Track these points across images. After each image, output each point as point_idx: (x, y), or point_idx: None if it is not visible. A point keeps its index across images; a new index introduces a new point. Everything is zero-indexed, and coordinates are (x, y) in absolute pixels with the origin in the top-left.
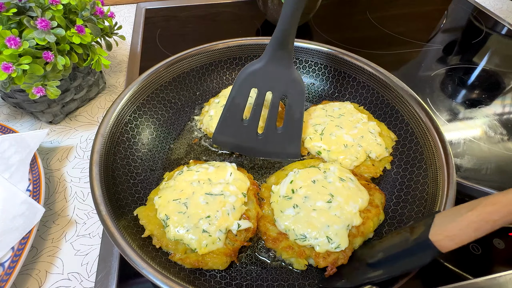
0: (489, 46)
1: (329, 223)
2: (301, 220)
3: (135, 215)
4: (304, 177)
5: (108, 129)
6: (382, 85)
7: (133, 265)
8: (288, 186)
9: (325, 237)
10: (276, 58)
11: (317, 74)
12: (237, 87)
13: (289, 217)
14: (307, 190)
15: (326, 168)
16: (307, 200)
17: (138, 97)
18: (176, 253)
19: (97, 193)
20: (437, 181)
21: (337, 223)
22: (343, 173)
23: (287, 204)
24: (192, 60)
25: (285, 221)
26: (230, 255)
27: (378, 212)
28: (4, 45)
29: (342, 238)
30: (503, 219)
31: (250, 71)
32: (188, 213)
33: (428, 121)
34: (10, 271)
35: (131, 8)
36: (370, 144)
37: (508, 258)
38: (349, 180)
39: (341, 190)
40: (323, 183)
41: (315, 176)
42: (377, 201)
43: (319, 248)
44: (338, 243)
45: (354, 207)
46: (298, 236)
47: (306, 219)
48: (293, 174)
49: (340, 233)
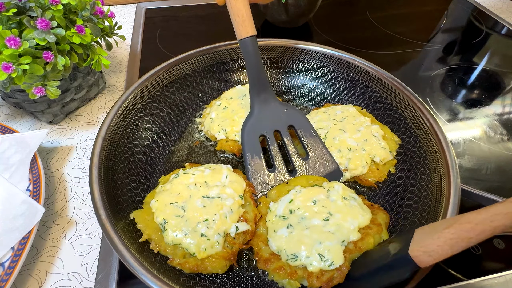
0: (489, 46)
1: (321, 240)
2: (293, 240)
3: (131, 219)
4: (305, 197)
5: (109, 132)
6: (385, 87)
7: (132, 271)
8: (287, 205)
9: (316, 254)
10: (262, 103)
11: (319, 76)
12: (246, 145)
13: (282, 237)
14: (305, 211)
15: (330, 186)
16: (303, 220)
17: (139, 99)
18: (175, 258)
19: (97, 196)
20: (441, 186)
21: (330, 239)
22: (346, 192)
23: (282, 224)
24: (193, 62)
25: (277, 241)
26: (229, 258)
27: (381, 230)
28: (4, 45)
29: (335, 255)
30: (477, 237)
31: (248, 126)
32: (186, 216)
33: (431, 125)
34: (10, 271)
35: (131, 8)
36: (374, 147)
37: (508, 258)
38: (352, 199)
39: (341, 208)
40: (324, 202)
41: (317, 196)
42: (380, 220)
43: (312, 267)
44: (331, 260)
45: (352, 223)
46: (289, 256)
47: (299, 238)
48: (294, 193)
49: (333, 250)
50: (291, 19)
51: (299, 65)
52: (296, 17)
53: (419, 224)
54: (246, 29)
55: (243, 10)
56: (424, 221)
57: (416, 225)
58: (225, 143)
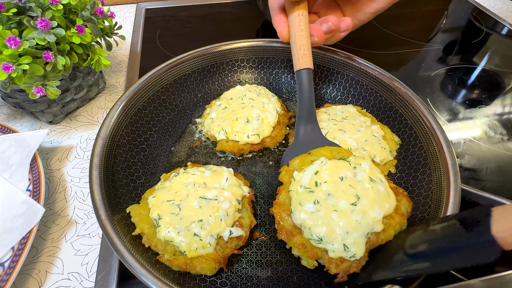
0: (489, 46)
1: (349, 230)
2: (319, 220)
3: (127, 212)
4: (332, 170)
5: (109, 132)
6: (385, 88)
7: (133, 271)
8: (312, 177)
9: (342, 244)
10: (308, 133)
11: (319, 76)
12: None
13: (308, 212)
14: (333, 186)
15: (357, 163)
16: (330, 198)
17: (139, 100)
18: (165, 254)
19: (97, 197)
20: (441, 186)
21: (357, 231)
22: (374, 172)
23: (308, 198)
24: (194, 62)
25: (303, 216)
26: (220, 261)
27: (402, 221)
28: (4, 45)
29: (359, 248)
30: None
31: (291, 153)
32: (181, 215)
33: (432, 125)
34: (10, 271)
35: (131, 8)
36: (374, 148)
37: (508, 258)
38: (380, 181)
39: (368, 192)
40: (351, 181)
41: (344, 172)
42: (403, 209)
43: (333, 254)
44: (354, 253)
45: (379, 213)
46: (314, 237)
47: (325, 219)
48: (320, 164)
49: (358, 242)
50: None
51: None
52: None
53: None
54: (305, 63)
55: (306, 45)
56: (424, 221)
57: (416, 225)
58: (225, 144)
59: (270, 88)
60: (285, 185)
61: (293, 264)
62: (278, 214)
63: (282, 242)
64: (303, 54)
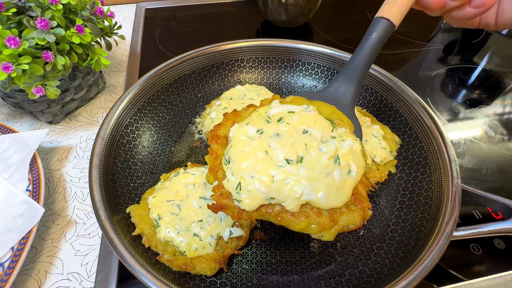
0: (489, 46)
1: (256, 175)
2: (247, 147)
3: (127, 213)
4: (305, 119)
5: (108, 132)
6: (386, 88)
7: (132, 271)
8: (283, 112)
9: (238, 181)
10: (335, 91)
11: (319, 76)
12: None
13: (244, 133)
14: (288, 131)
15: (340, 136)
16: (275, 137)
17: (139, 100)
18: (165, 254)
19: (97, 197)
20: (441, 186)
21: (261, 184)
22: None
23: (258, 123)
24: (193, 62)
25: (237, 133)
26: (220, 261)
27: (326, 226)
28: (4, 45)
29: (250, 200)
30: None
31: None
32: (181, 215)
33: (432, 125)
34: (9, 271)
35: (131, 8)
36: (375, 148)
37: (508, 258)
38: (346, 171)
39: (315, 166)
40: (312, 142)
41: (315, 130)
42: (342, 220)
43: (227, 183)
44: (240, 198)
45: (301, 192)
46: (226, 156)
47: (251, 150)
48: (302, 108)
49: (253, 194)
50: (291, 19)
51: (299, 65)
52: (296, 17)
53: (419, 224)
54: (388, 11)
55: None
56: (424, 221)
57: (416, 225)
58: None
59: (270, 88)
60: (260, 106)
61: (293, 264)
62: (226, 119)
63: (282, 242)
64: (393, 1)
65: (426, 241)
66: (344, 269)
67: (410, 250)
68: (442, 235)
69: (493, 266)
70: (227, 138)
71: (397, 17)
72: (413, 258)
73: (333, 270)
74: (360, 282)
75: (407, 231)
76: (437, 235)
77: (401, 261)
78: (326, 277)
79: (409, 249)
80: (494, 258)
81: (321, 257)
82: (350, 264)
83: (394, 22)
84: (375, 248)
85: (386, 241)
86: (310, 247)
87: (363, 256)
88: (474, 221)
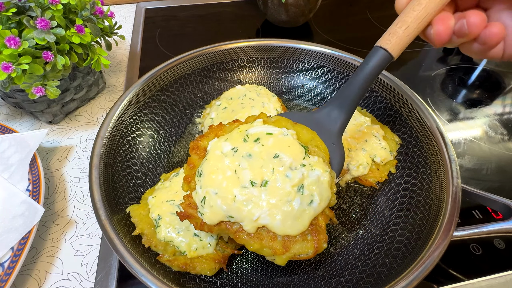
0: None
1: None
2: (216, 162)
3: (127, 213)
4: (280, 144)
5: (108, 132)
6: (386, 88)
7: (132, 272)
8: (261, 133)
9: (203, 195)
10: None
11: (319, 76)
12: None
13: (219, 149)
14: (262, 154)
15: (310, 165)
16: (247, 158)
17: (139, 100)
18: (165, 254)
19: (97, 197)
20: (441, 186)
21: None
22: (314, 188)
23: (235, 140)
24: (194, 62)
25: (213, 148)
26: (220, 261)
27: (278, 252)
28: (3, 45)
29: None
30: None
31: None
32: None
33: (432, 125)
34: (9, 271)
35: (131, 8)
36: (374, 148)
37: (508, 258)
38: (307, 201)
39: (277, 192)
40: (279, 168)
41: (287, 156)
42: (295, 248)
43: (195, 194)
44: (203, 212)
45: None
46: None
47: (220, 167)
48: (280, 131)
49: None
50: (291, 19)
51: (299, 65)
52: (296, 17)
53: (419, 224)
54: (387, 41)
55: (407, 24)
56: (424, 221)
57: (416, 225)
58: None
59: (270, 88)
60: (244, 122)
61: (293, 264)
62: (211, 130)
63: None
64: (394, 32)
65: (426, 241)
66: (344, 269)
67: (410, 250)
68: (442, 235)
69: (493, 266)
70: (206, 150)
71: (395, 48)
72: (413, 258)
73: (333, 270)
74: (360, 282)
75: (407, 231)
76: (437, 235)
77: (401, 261)
78: (326, 277)
79: (409, 249)
80: (494, 258)
81: (321, 257)
82: (350, 264)
83: (392, 54)
84: (375, 248)
85: (386, 241)
86: None
87: (363, 256)
88: (474, 221)
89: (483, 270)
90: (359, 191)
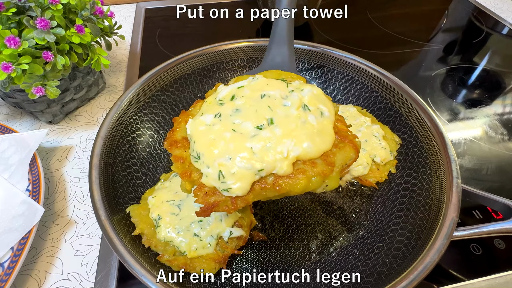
0: (489, 46)
1: (233, 156)
2: (210, 135)
3: (127, 213)
4: (257, 87)
5: (108, 132)
6: (386, 88)
7: (132, 272)
8: (233, 90)
9: (218, 170)
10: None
11: (319, 76)
12: None
13: (202, 124)
14: (246, 102)
15: (297, 87)
16: (236, 113)
17: (139, 99)
18: (165, 254)
19: (97, 197)
20: (441, 186)
21: (245, 161)
22: (315, 101)
23: (213, 109)
24: (194, 62)
25: (195, 127)
26: (220, 261)
27: (326, 173)
28: (3, 44)
29: (239, 182)
30: None
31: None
32: (181, 215)
33: (432, 125)
34: (9, 271)
35: (130, 8)
36: (375, 148)
37: (508, 258)
38: (318, 114)
39: (289, 120)
40: (274, 102)
41: (271, 91)
42: (339, 158)
43: (206, 179)
44: (229, 186)
45: (291, 150)
46: (193, 153)
47: (216, 136)
48: (250, 80)
49: (240, 176)
50: None
51: (299, 65)
52: (296, 17)
53: (419, 224)
54: None
55: None
56: (424, 221)
57: (416, 225)
58: None
59: None
60: (206, 97)
61: (293, 264)
62: (177, 122)
63: (282, 242)
64: None
65: (426, 241)
66: (344, 269)
67: (410, 250)
68: (442, 235)
69: (493, 266)
70: (186, 139)
71: None
72: (413, 258)
73: (333, 270)
74: (360, 282)
75: (407, 231)
76: (437, 235)
77: (401, 261)
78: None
79: (409, 249)
80: (494, 258)
81: (321, 257)
82: (350, 264)
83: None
84: (375, 248)
85: (386, 241)
86: (310, 247)
87: (363, 256)
88: (474, 221)
89: (483, 270)
90: (359, 191)
